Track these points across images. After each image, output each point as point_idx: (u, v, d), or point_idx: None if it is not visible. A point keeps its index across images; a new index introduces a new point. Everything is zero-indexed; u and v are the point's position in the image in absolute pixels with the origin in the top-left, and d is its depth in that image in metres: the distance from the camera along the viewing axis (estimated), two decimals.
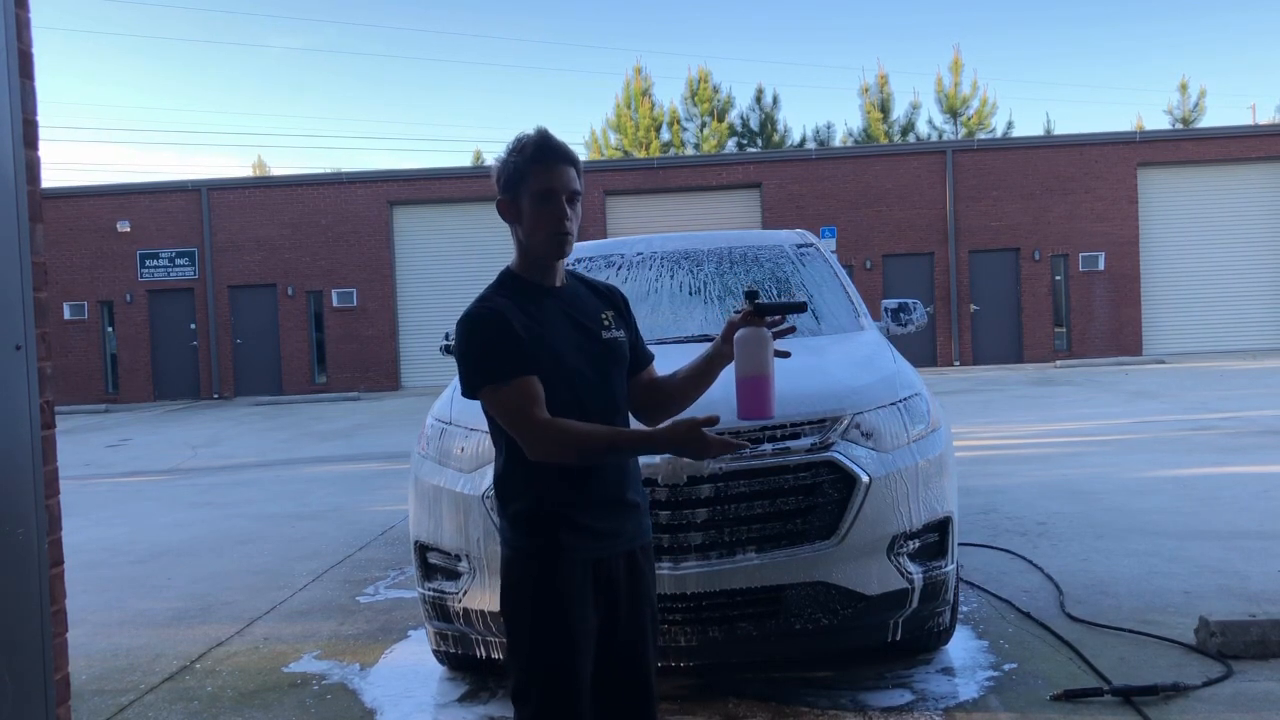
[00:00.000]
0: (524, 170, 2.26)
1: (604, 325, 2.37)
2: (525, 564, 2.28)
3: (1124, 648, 4.17)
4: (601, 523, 2.29)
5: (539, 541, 2.27)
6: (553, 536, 2.26)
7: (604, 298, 2.45)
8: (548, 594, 2.26)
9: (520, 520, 2.29)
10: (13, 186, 2.52)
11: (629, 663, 2.36)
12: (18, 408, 2.50)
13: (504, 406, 2.20)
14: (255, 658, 4.66)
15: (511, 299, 2.27)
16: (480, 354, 2.22)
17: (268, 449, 13.13)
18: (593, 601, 2.29)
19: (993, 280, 21.95)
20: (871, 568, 3.56)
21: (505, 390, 2.19)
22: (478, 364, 2.23)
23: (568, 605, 2.26)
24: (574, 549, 2.26)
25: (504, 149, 2.33)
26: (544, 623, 2.26)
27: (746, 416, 2.22)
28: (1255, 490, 7.19)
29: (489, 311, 2.23)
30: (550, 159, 2.26)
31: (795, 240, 5.54)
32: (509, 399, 2.19)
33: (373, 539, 7.11)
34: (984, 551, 5.84)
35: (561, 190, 2.25)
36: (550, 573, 2.26)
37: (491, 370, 2.21)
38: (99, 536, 7.62)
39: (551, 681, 2.26)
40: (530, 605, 2.28)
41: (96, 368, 22.69)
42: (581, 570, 2.27)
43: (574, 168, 2.28)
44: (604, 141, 32.61)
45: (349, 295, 22.55)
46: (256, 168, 40.10)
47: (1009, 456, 9.40)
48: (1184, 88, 31.12)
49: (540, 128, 2.31)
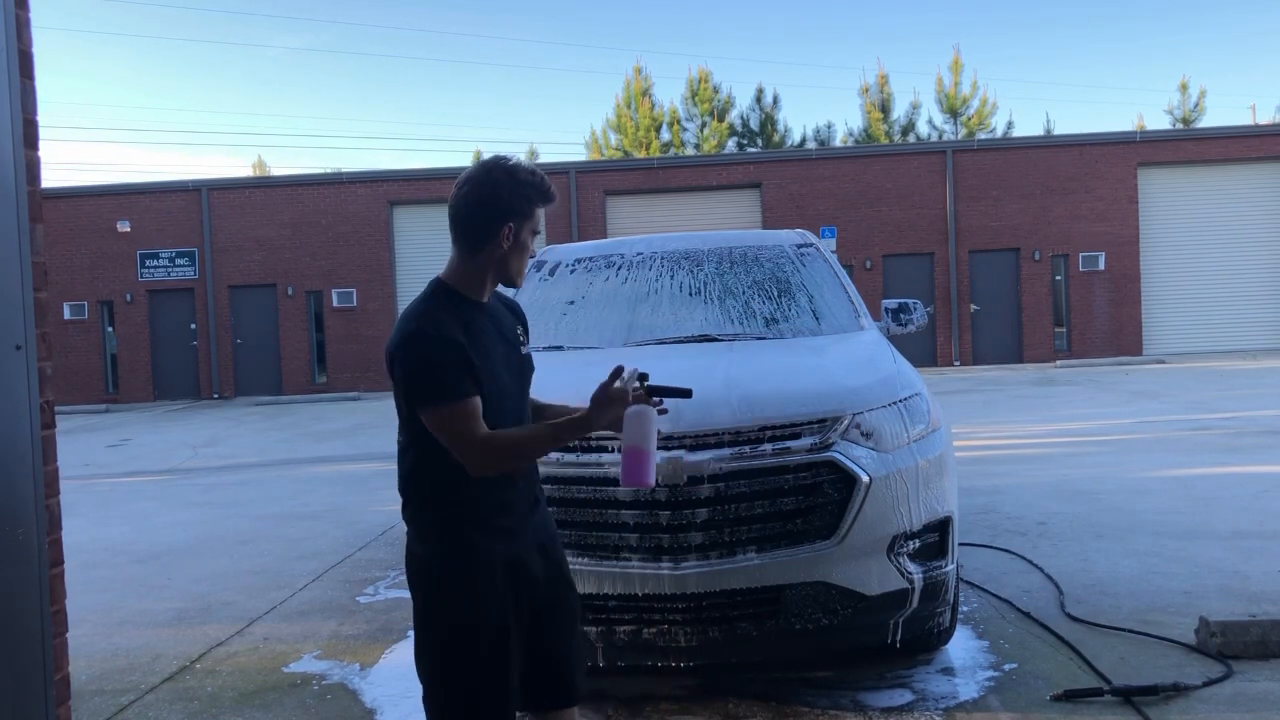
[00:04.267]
0: (534, 204, 2.35)
1: (520, 341, 2.47)
2: (442, 565, 2.30)
3: (1124, 648, 4.17)
4: (515, 521, 2.35)
5: (454, 543, 2.30)
6: (470, 537, 2.29)
7: (514, 313, 2.52)
8: (468, 594, 2.28)
9: (435, 523, 2.32)
10: (13, 186, 2.52)
11: (552, 662, 2.42)
12: (18, 408, 2.50)
13: (450, 425, 2.21)
14: (255, 658, 4.66)
15: (449, 315, 2.28)
16: (430, 373, 2.21)
17: (268, 449, 13.13)
18: (513, 601, 2.32)
19: (993, 280, 21.95)
20: (871, 568, 3.56)
21: (454, 408, 2.20)
22: (427, 382, 2.22)
23: (487, 605, 2.27)
24: (490, 549, 2.30)
25: (508, 172, 2.33)
26: (464, 627, 2.27)
27: (628, 483, 2.38)
28: (1255, 490, 7.19)
29: (438, 331, 2.23)
30: (551, 201, 2.38)
31: (795, 240, 5.54)
32: (457, 418, 2.20)
33: (373, 539, 7.11)
34: (984, 551, 5.84)
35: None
36: (469, 572, 2.28)
37: (442, 389, 2.20)
38: (99, 536, 7.62)
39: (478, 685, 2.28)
40: (451, 605, 2.28)
41: (96, 368, 22.69)
42: (500, 570, 2.30)
43: None
44: (604, 141, 32.60)
45: (349, 295, 22.55)
46: (256, 168, 40.08)
47: (1009, 456, 9.40)
48: (1184, 88, 31.12)
49: (532, 165, 2.38)
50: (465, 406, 2.20)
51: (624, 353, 4.52)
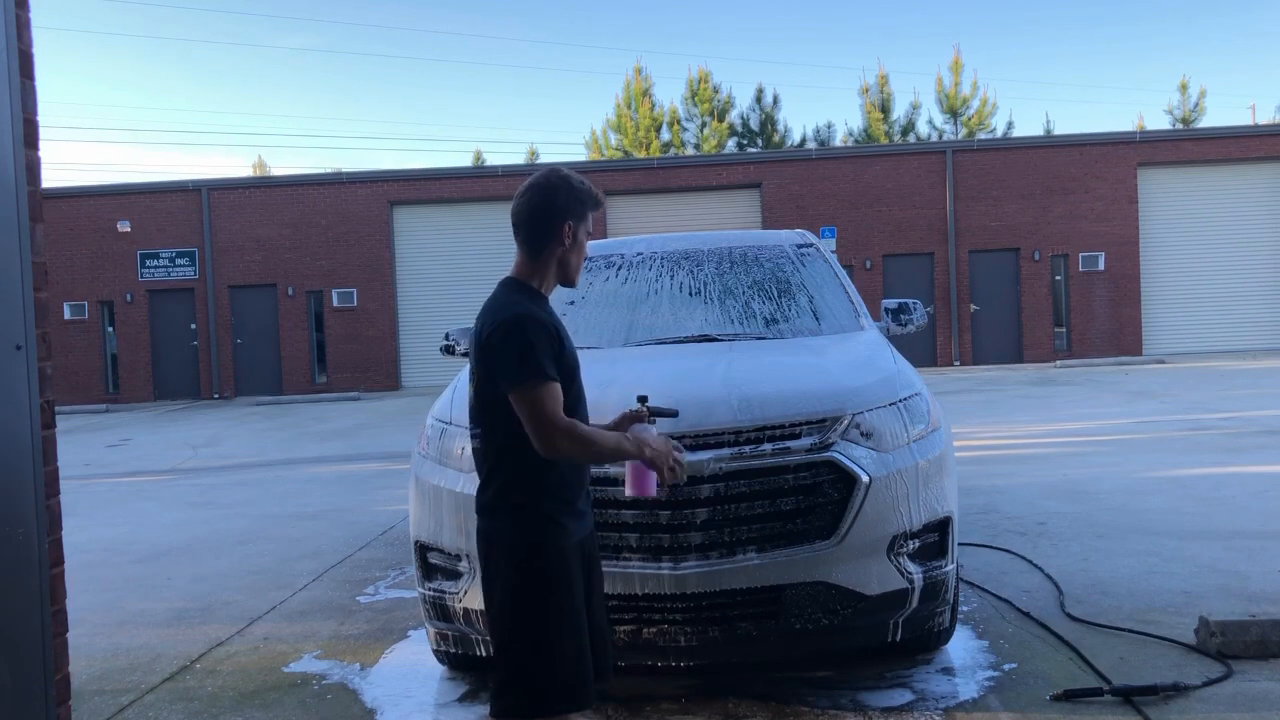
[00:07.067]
0: (589, 208, 2.63)
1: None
2: (530, 545, 2.51)
3: (1124, 648, 4.17)
4: (586, 504, 2.62)
5: (548, 533, 2.51)
6: (555, 518, 2.52)
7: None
8: (561, 579, 2.50)
9: (519, 504, 2.53)
10: (13, 186, 2.52)
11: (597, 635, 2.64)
12: (18, 408, 2.50)
13: (536, 404, 2.42)
14: (255, 658, 4.66)
15: (536, 304, 2.55)
16: (528, 352, 2.44)
17: (268, 449, 13.13)
18: (583, 580, 2.57)
19: (993, 280, 21.95)
20: (871, 568, 3.56)
21: (541, 389, 2.42)
22: (523, 361, 2.43)
23: (577, 592, 2.53)
24: (570, 530, 2.54)
25: (566, 180, 2.61)
26: (560, 610, 2.49)
27: (632, 493, 2.68)
28: (1255, 490, 7.19)
29: (539, 317, 2.50)
30: (599, 209, 2.67)
31: (795, 240, 5.54)
32: (543, 398, 2.42)
33: (373, 539, 7.11)
34: (984, 551, 5.84)
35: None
36: (561, 563, 2.51)
37: (536, 369, 2.43)
38: (99, 536, 7.62)
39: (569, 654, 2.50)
40: (547, 591, 2.48)
41: (96, 368, 22.69)
42: (575, 551, 2.55)
43: None
44: (604, 141, 32.60)
45: (349, 295, 22.54)
46: (257, 168, 40.09)
47: (1009, 456, 9.41)
48: (1184, 88, 31.14)
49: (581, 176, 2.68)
50: (551, 389, 2.43)
51: (624, 353, 4.52)
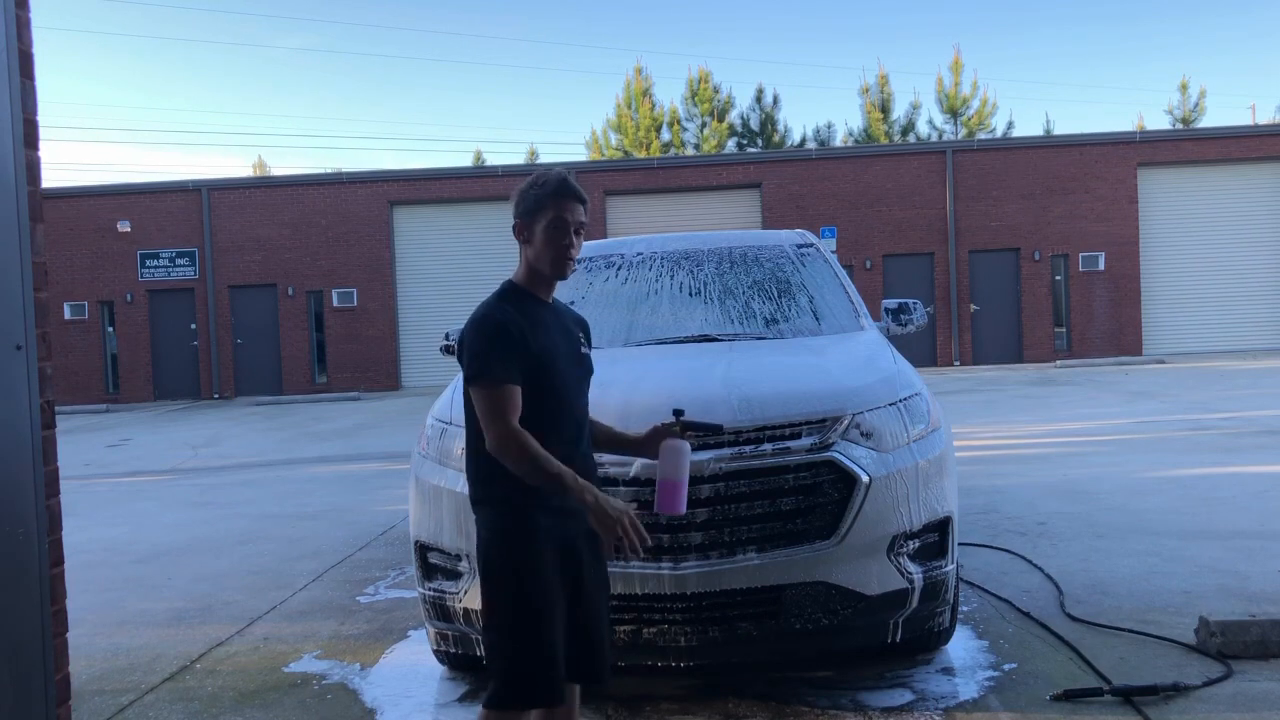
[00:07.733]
0: (543, 202, 2.62)
1: (581, 342, 2.78)
2: (500, 542, 2.55)
3: (1124, 648, 4.17)
4: (572, 502, 2.54)
5: (516, 522, 2.54)
6: (531, 516, 2.53)
7: (578, 323, 2.85)
8: (531, 574, 2.52)
9: (498, 499, 2.56)
10: (13, 186, 2.52)
11: (590, 635, 2.65)
12: (18, 408, 2.50)
13: (489, 403, 2.49)
14: (255, 658, 4.66)
15: (515, 308, 2.59)
16: (484, 353, 2.52)
17: (268, 449, 13.13)
18: (558, 581, 2.56)
19: (993, 280, 21.95)
20: (871, 568, 3.56)
21: (496, 391, 2.50)
22: (481, 360, 2.52)
23: (545, 583, 2.53)
24: (547, 529, 2.54)
25: (526, 183, 2.68)
26: (524, 597, 2.52)
27: (661, 511, 2.68)
28: (1255, 490, 7.19)
29: (497, 318, 2.55)
30: (568, 195, 2.64)
31: (795, 240, 5.54)
32: (496, 399, 2.49)
33: (373, 539, 7.11)
34: (984, 551, 5.84)
35: (571, 222, 2.62)
36: (527, 552, 2.53)
37: (490, 368, 2.50)
38: (99, 536, 7.62)
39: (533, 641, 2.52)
40: (513, 582, 2.52)
41: (96, 368, 22.69)
42: (551, 550, 2.55)
43: (584, 205, 2.68)
44: (604, 141, 32.60)
45: (349, 295, 22.55)
46: (256, 168, 40.09)
47: (1009, 456, 9.40)
48: (1184, 88, 31.14)
49: (562, 170, 2.69)
50: (505, 391, 2.49)
51: (624, 353, 4.52)
